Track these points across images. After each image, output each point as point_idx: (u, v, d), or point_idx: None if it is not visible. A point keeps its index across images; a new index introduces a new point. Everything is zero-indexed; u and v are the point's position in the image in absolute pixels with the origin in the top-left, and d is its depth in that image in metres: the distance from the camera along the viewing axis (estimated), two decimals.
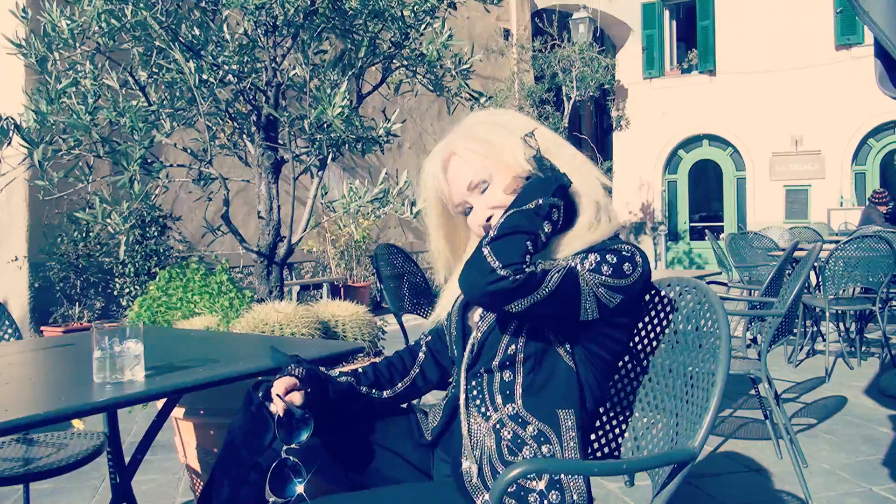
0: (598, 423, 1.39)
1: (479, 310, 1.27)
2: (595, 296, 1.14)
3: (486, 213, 1.25)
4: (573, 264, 1.15)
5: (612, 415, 1.39)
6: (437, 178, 1.29)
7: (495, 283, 1.08)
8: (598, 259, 1.16)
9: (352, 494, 1.29)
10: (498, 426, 1.19)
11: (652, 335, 1.33)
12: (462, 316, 1.31)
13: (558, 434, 1.17)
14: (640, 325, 1.36)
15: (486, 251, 1.10)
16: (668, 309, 1.31)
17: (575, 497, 1.14)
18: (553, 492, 1.13)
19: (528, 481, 1.13)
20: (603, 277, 1.14)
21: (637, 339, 1.36)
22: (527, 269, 1.09)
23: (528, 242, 1.12)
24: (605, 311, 1.16)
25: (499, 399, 1.20)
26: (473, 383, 1.24)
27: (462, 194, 1.27)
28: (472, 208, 1.27)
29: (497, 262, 1.08)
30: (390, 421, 1.36)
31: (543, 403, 1.18)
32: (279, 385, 1.20)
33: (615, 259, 1.17)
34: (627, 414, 1.35)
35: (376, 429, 1.34)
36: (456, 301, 1.34)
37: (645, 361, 1.33)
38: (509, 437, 1.17)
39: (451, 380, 1.36)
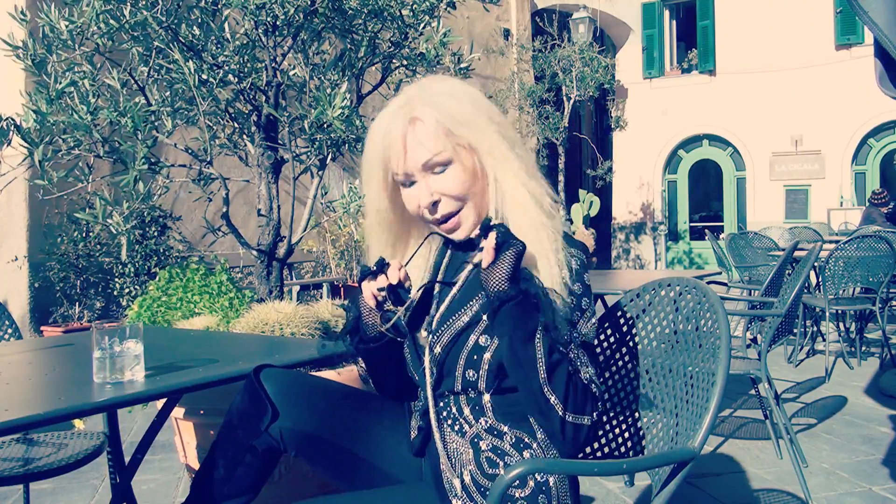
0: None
1: (425, 325, 1.23)
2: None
3: (433, 196, 1.16)
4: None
5: (611, 415, 1.39)
6: (391, 138, 1.16)
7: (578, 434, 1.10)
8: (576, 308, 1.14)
9: (348, 494, 1.29)
10: (475, 440, 1.17)
11: (652, 335, 1.33)
12: (412, 335, 1.26)
13: (534, 437, 1.16)
14: (641, 324, 1.36)
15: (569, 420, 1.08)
16: (668, 309, 1.31)
17: (561, 497, 1.14)
18: (540, 495, 1.13)
19: (514, 489, 1.12)
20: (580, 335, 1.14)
21: (637, 338, 1.36)
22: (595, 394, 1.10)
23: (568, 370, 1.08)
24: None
25: (470, 415, 1.18)
26: (441, 404, 1.21)
27: (414, 167, 1.16)
28: (413, 182, 1.18)
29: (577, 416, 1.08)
30: (389, 417, 1.35)
31: (515, 411, 1.17)
32: (395, 262, 1.17)
33: (575, 300, 1.13)
34: (627, 414, 1.36)
35: (377, 424, 1.34)
36: None
37: (645, 361, 1.33)
38: (488, 448, 1.16)
39: (418, 395, 1.31)
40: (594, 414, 1.09)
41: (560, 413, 1.07)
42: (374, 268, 1.17)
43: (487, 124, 1.16)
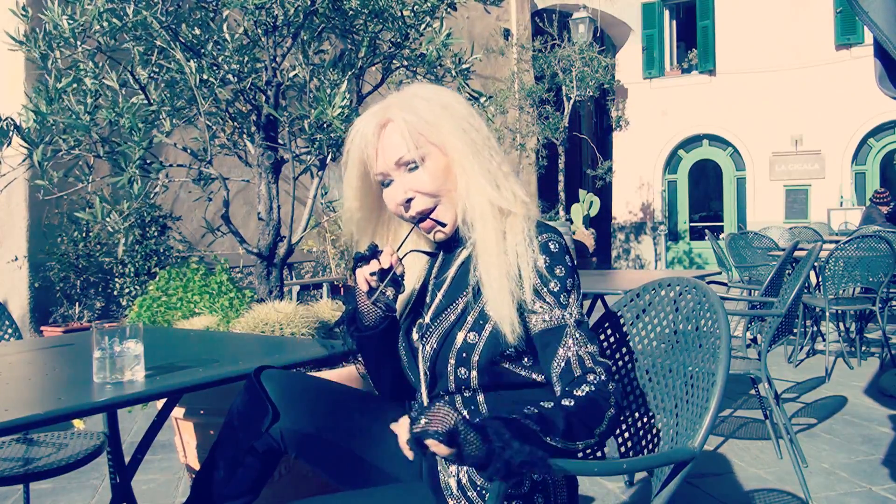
0: None
1: (416, 328, 1.25)
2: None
3: (407, 194, 1.20)
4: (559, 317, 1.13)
5: None
6: (366, 140, 1.21)
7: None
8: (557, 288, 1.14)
9: (347, 493, 1.29)
10: None
11: (652, 335, 1.33)
12: (407, 338, 1.28)
13: None
14: (641, 324, 1.36)
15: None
16: (668, 309, 1.31)
17: (557, 496, 1.14)
18: (536, 495, 1.13)
19: (511, 487, 1.12)
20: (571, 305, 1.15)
21: (637, 338, 1.36)
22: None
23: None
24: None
25: (466, 414, 1.17)
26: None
27: (388, 166, 1.20)
28: (392, 182, 1.22)
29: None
30: (390, 418, 1.36)
31: (510, 411, 1.16)
32: (388, 248, 1.21)
33: (559, 284, 1.14)
34: (627, 414, 1.36)
35: (377, 425, 1.34)
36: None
37: (645, 361, 1.33)
38: None
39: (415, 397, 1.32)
40: (612, 399, 1.08)
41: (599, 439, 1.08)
42: (367, 253, 1.20)
43: (453, 129, 1.19)
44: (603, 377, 1.10)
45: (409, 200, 1.20)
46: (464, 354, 1.16)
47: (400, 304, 1.30)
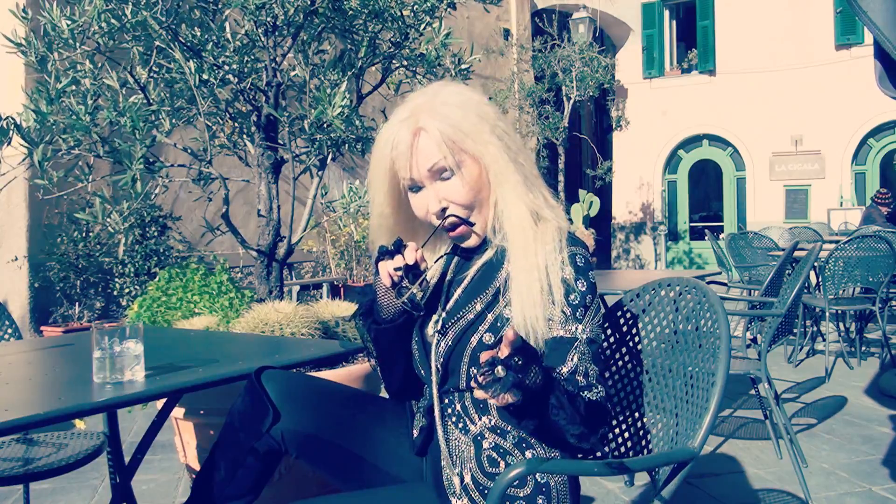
0: None
1: (432, 323, 1.24)
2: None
3: (441, 203, 1.18)
4: (568, 333, 1.12)
5: (612, 414, 1.39)
6: (398, 149, 1.18)
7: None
8: (578, 303, 1.14)
9: (348, 494, 1.29)
10: (479, 438, 1.18)
11: (652, 335, 1.33)
12: (420, 332, 1.27)
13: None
14: (641, 324, 1.36)
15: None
16: (668, 309, 1.31)
17: (560, 498, 1.14)
18: (539, 496, 1.13)
19: (514, 489, 1.12)
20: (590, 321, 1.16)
21: (637, 338, 1.36)
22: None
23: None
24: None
25: (474, 413, 1.18)
26: (447, 400, 1.22)
27: (420, 174, 1.18)
28: (421, 188, 1.20)
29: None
30: (390, 418, 1.36)
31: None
32: (412, 244, 1.19)
33: (579, 298, 1.14)
34: (627, 414, 1.36)
35: (378, 425, 1.34)
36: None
37: (645, 361, 1.34)
38: (490, 447, 1.16)
39: (423, 394, 1.32)
40: (608, 419, 1.13)
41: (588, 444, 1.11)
42: (392, 248, 1.17)
43: (490, 137, 1.18)
44: (604, 395, 1.11)
45: (443, 210, 1.19)
46: (479, 354, 1.15)
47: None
